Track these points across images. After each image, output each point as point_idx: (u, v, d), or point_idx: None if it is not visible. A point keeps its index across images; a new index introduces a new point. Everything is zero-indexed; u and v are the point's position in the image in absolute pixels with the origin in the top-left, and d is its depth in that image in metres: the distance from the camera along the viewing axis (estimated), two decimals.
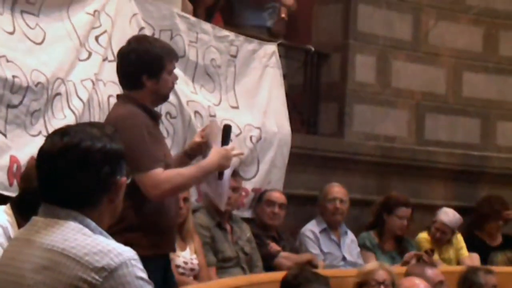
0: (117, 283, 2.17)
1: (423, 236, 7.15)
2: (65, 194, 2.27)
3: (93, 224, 2.27)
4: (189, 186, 4.10)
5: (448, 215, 7.14)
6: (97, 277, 2.16)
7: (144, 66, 4.11)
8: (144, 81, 4.10)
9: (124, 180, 2.34)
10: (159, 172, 3.95)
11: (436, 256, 6.94)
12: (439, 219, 7.12)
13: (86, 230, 2.25)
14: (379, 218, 6.91)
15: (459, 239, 7.23)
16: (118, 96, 4.30)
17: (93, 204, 2.29)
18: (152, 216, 4.03)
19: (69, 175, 2.26)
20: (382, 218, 6.89)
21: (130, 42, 4.31)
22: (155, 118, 4.18)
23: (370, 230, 6.94)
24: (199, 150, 4.30)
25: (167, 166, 4.06)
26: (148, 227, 4.01)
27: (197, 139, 4.30)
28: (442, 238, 7.10)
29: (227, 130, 4.23)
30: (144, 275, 2.23)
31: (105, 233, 2.29)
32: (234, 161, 4.52)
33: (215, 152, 4.09)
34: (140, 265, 2.23)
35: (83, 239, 2.22)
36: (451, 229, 7.13)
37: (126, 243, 2.30)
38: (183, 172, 4.04)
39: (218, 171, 4.15)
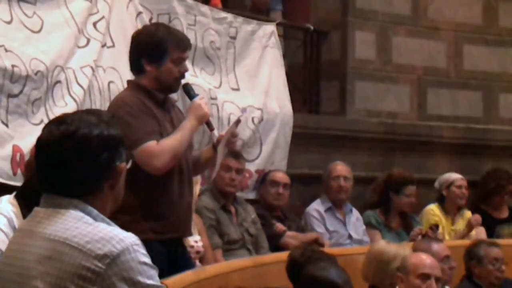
0: (120, 269, 2.17)
1: (432, 208, 7.09)
2: (64, 183, 2.27)
3: (94, 211, 2.27)
4: (183, 148, 4.08)
5: (456, 173, 7.17)
6: (100, 265, 2.16)
7: (144, 49, 4.11)
8: (144, 65, 4.09)
9: (124, 165, 2.33)
10: (153, 144, 3.96)
11: (449, 227, 6.93)
12: (454, 179, 7.10)
13: (87, 218, 2.24)
14: (384, 196, 6.88)
15: (469, 214, 7.19)
16: (127, 82, 4.34)
17: (94, 192, 2.28)
18: (148, 200, 4.02)
19: (67, 163, 2.25)
20: (388, 197, 6.86)
21: (142, 27, 4.34)
22: (160, 103, 4.16)
23: (375, 208, 6.91)
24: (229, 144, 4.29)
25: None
26: (143, 211, 4.00)
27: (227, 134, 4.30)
28: (466, 194, 7.06)
29: (187, 88, 4.27)
30: (147, 259, 2.23)
31: (107, 220, 2.28)
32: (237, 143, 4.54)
33: (189, 110, 4.16)
34: (143, 250, 2.23)
35: (84, 227, 2.21)
36: (467, 182, 7.12)
37: (122, 227, 2.30)
38: (174, 138, 4.03)
39: (206, 123, 4.18)
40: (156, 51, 4.08)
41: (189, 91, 4.27)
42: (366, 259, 4.77)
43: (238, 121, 4.32)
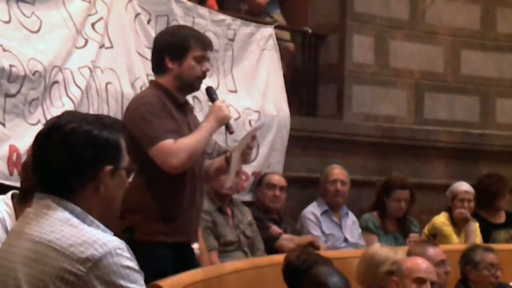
0: (102, 273, 2.15)
1: (441, 220, 6.98)
2: (48, 177, 2.26)
3: (78, 209, 2.24)
4: (201, 149, 4.12)
5: (463, 184, 7.08)
6: (82, 268, 2.14)
7: (167, 47, 4.17)
8: (167, 63, 4.15)
9: (109, 169, 2.27)
10: (171, 142, 3.98)
11: (456, 238, 6.87)
12: (458, 191, 7.02)
13: (73, 220, 2.23)
14: (380, 200, 6.88)
15: (476, 226, 7.16)
16: (149, 82, 4.42)
17: (76, 189, 2.25)
18: (160, 203, 4.03)
19: (51, 155, 2.24)
20: (382, 200, 6.86)
21: (165, 28, 4.42)
22: (180, 105, 4.19)
23: (372, 211, 6.90)
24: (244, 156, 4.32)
25: None
26: (154, 213, 4.02)
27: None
28: (470, 208, 6.95)
29: (210, 91, 4.33)
30: (131, 263, 2.20)
31: (90, 219, 2.25)
32: (232, 144, 4.56)
33: (209, 112, 4.19)
34: (127, 254, 2.20)
35: (69, 230, 2.20)
36: (473, 195, 7.07)
37: (131, 227, 2.29)
38: (192, 137, 4.06)
39: (224, 125, 4.19)
40: (178, 48, 4.15)
41: (211, 94, 4.33)
42: (359, 262, 4.77)
43: (254, 137, 4.35)
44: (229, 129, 4.25)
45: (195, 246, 5.28)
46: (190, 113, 4.34)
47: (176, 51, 4.14)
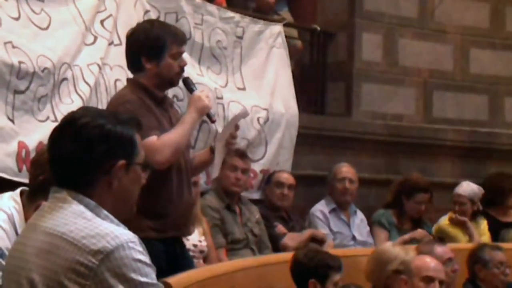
0: (113, 265, 2.17)
1: (446, 222, 6.97)
2: (61, 171, 2.28)
3: (92, 203, 2.26)
4: (185, 142, 4.11)
5: (462, 186, 7.06)
6: (93, 260, 2.16)
7: (142, 48, 4.10)
8: (143, 64, 4.09)
9: (122, 164, 2.29)
10: (154, 139, 3.95)
11: (463, 238, 6.86)
12: (455, 193, 7.00)
13: (87, 213, 2.24)
14: (397, 199, 6.83)
15: (484, 225, 7.14)
16: (126, 80, 4.34)
17: (89, 183, 2.27)
18: (147, 199, 4.00)
19: (64, 149, 2.26)
20: (400, 200, 6.82)
21: (136, 25, 4.34)
22: (159, 101, 4.17)
23: (389, 209, 6.85)
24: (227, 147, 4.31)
25: None
26: (143, 209, 3.99)
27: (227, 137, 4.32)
28: (464, 211, 6.95)
29: (187, 81, 4.29)
30: (143, 257, 2.23)
31: (104, 213, 2.26)
32: (240, 141, 4.55)
33: (189, 103, 4.16)
34: (139, 248, 2.23)
35: (83, 223, 2.22)
36: (469, 199, 7.02)
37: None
38: (175, 132, 4.04)
39: (207, 115, 4.19)
40: (154, 47, 4.08)
41: (189, 85, 4.30)
42: (369, 258, 4.77)
43: (237, 126, 4.34)
44: (211, 118, 4.25)
45: (203, 243, 5.29)
46: (171, 108, 4.29)
47: (152, 51, 4.07)
